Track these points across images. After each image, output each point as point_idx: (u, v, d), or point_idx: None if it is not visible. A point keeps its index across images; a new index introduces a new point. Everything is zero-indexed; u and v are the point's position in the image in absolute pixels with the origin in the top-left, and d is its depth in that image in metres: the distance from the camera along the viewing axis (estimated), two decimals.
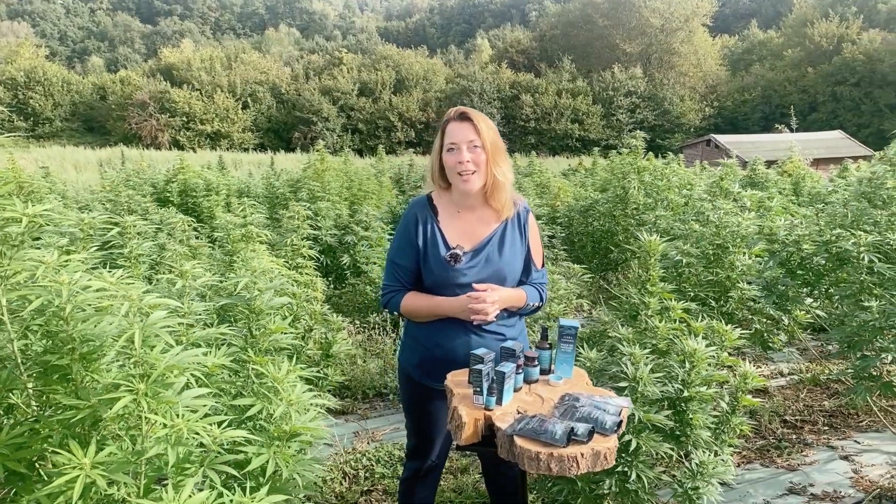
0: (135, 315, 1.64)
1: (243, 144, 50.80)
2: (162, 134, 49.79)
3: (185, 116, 50.88)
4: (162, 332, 1.63)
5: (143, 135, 49.05)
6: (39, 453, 1.79)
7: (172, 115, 50.52)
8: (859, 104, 48.39)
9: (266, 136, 53.14)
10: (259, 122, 53.60)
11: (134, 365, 1.64)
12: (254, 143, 51.41)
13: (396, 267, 2.72)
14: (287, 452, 2.14)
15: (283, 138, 52.41)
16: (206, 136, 50.89)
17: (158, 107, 50.51)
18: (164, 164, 21.58)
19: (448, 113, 2.61)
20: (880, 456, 4.10)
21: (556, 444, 1.93)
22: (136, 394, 1.61)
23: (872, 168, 4.55)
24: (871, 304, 3.53)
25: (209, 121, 51.27)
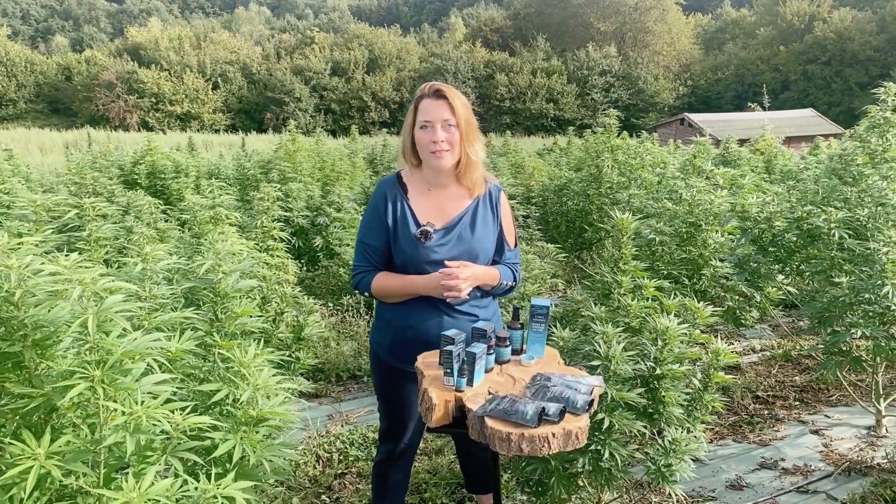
0: (88, 299, 1.58)
1: (214, 126, 50.04)
2: (130, 115, 48.87)
3: (153, 97, 49.95)
4: (117, 317, 1.57)
5: (111, 116, 48.12)
6: None
7: (141, 96, 49.58)
8: (830, 83, 48.96)
9: (237, 116, 52.38)
10: (230, 103, 52.80)
11: (89, 351, 1.57)
12: (225, 124, 50.66)
13: (366, 247, 2.67)
14: (254, 438, 2.09)
15: (255, 119, 51.72)
16: (175, 118, 50.03)
17: (126, 87, 49.53)
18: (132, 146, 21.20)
19: (422, 88, 2.53)
20: (850, 429, 4.16)
21: (527, 425, 1.90)
22: (91, 381, 1.55)
23: (843, 145, 4.57)
24: (842, 281, 3.55)
25: (179, 102, 50.40)
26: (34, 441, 1.55)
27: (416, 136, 2.49)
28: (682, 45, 58.64)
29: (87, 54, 55.27)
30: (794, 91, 50.01)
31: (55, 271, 1.70)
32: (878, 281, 3.34)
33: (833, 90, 48.47)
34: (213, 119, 50.85)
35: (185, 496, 1.77)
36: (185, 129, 45.62)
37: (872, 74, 46.57)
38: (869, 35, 49.18)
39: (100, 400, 1.55)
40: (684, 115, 34.44)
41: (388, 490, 2.98)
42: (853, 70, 48.14)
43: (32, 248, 1.81)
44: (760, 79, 50.15)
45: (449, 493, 3.61)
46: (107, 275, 1.77)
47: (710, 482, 3.62)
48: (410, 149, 2.57)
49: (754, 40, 56.59)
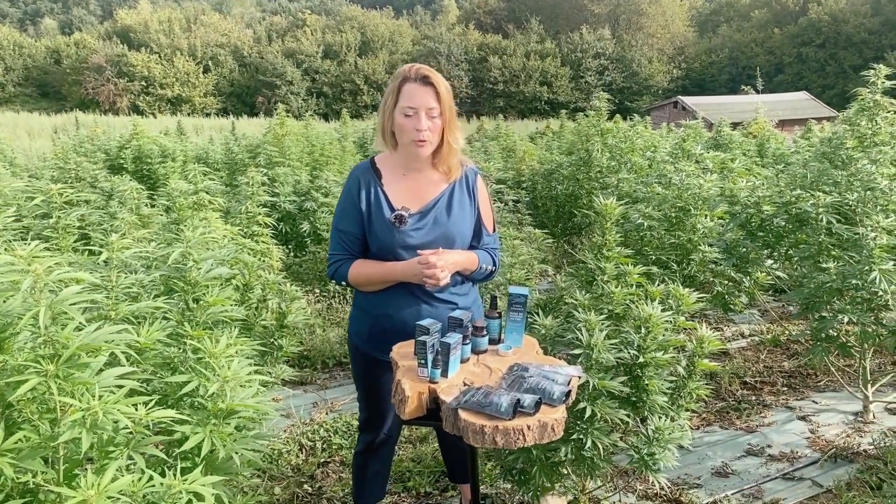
0: (41, 291, 1.51)
1: (205, 109, 49.68)
2: (120, 99, 48.45)
3: (144, 81, 49.50)
4: (71, 310, 1.51)
5: (100, 100, 47.69)
6: None
7: (131, 80, 49.12)
8: (824, 65, 48.81)
9: (229, 100, 51.97)
10: (221, 87, 52.36)
11: (43, 345, 1.52)
12: (216, 107, 50.29)
13: (342, 234, 2.60)
14: (225, 431, 2.04)
15: (247, 103, 51.32)
16: (166, 101, 49.62)
17: (116, 71, 49.05)
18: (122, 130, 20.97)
19: (406, 70, 2.42)
20: (837, 415, 4.14)
21: (502, 417, 1.86)
22: (45, 375, 1.49)
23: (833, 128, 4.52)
24: (829, 266, 3.50)
25: (169, 85, 49.95)
26: None
27: (398, 122, 2.41)
28: (677, 28, 58.33)
29: (77, 37, 54.59)
30: (789, 74, 49.86)
31: (9, 261, 1.64)
32: (865, 266, 3.30)
33: (827, 73, 48.34)
34: (204, 102, 50.45)
35: (151, 492, 1.72)
36: (176, 113, 45.27)
37: (867, 57, 46.40)
38: (863, 17, 48.96)
39: (54, 395, 1.49)
40: (678, 98, 34.30)
41: (367, 480, 2.95)
42: (847, 53, 48.00)
43: None
44: (755, 61, 49.93)
45: (433, 482, 3.58)
46: (74, 263, 1.71)
47: (696, 469, 3.60)
48: (389, 131, 2.49)
49: (749, 23, 56.32)
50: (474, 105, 50.96)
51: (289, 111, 11.80)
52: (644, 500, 3.35)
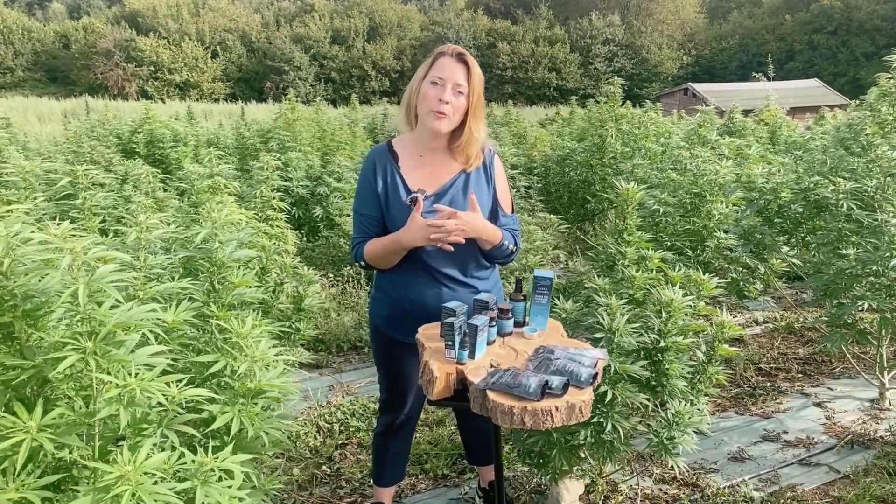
0: (79, 269, 1.53)
1: (213, 94, 49.63)
2: (129, 84, 48.45)
3: (152, 66, 49.46)
4: (109, 287, 1.52)
5: (109, 85, 47.68)
6: None
7: (139, 65, 49.08)
8: (836, 52, 48.37)
9: (237, 85, 51.89)
10: (229, 72, 52.29)
11: (80, 322, 1.53)
12: (224, 93, 50.23)
13: (361, 217, 2.61)
14: (252, 410, 2.06)
15: (255, 88, 51.23)
16: (174, 87, 49.58)
17: (124, 55, 49.01)
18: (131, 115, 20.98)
19: (443, 47, 2.44)
20: (852, 402, 4.14)
21: (530, 398, 1.87)
22: (83, 353, 1.50)
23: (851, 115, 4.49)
24: (849, 252, 3.49)
25: (178, 70, 49.92)
26: (25, 413, 1.51)
27: (423, 91, 2.40)
28: (687, 14, 57.82)
29: (85, 22, 54.53)
30: (800, 61, 49.43)
31: (45, 240, 1.65)
32: (886, 253, 3.29)
33: (839, 60, 47.90)
34: (212, 88, 50.41)
35: (182, 469, 1.74)
36: (185, 98, 45.24)
37: (879, 44, 45.97)
38: (876, 4, 48.42)
39: (92, 372, 1.50)
40: (688, 84, 34.10)
41: (388, 461, 2.97)
42: (859, 40, 47.52)
43: (22, 215, 1.76)
44: (765, 48, 49.53)
45: (450, 464, 3.60)
46: (100, 244, 1.72)
47: (713, 454, 3.61)
48: (414, 105, 2.48)
49: (760, 9, 55.83)
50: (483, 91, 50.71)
51: (297, 97, 11.78)
52: (661, 484, 3.37)
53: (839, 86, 40.05)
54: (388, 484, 3.03)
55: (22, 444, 1.45)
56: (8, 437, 1.47)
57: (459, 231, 2.34)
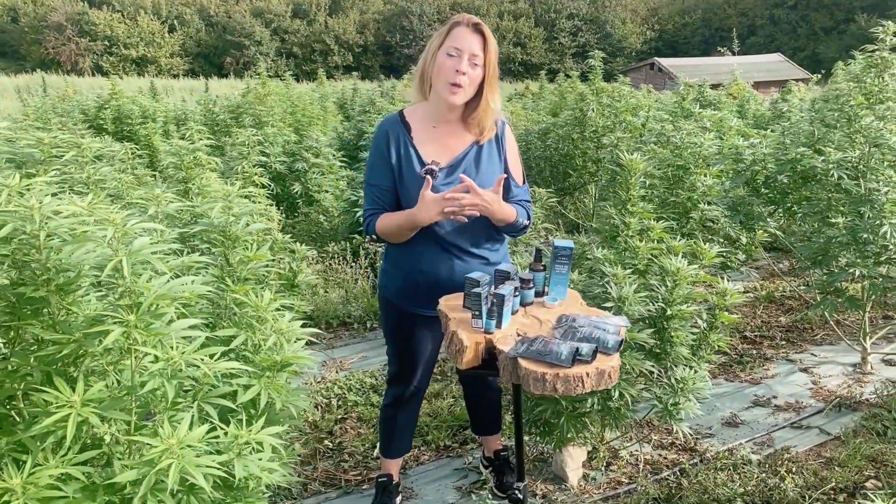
0: (119, 241, 1.49)
1: (172, 70, 48.48)
2: (83, 59, 47.05)
3: (106, 40, 48.09)
4: (154, 259, 1.49)
5: (61, 60, 46.23)
6: (12, 393, 1.65)
7: (93, 39, 47.68)
8: (796, 27, 49.13)
9: (196, 61, 50.75)
10: (188, 47, 51.11)
11: (121, 295, 1.50)
12: (183, 68, 49.10)
13: (373, 188, 2.58)
14: (278, 383, 2.05)
15: (215, 63, 50.15)
16: (131, 62, 48.29)
17: (77, 30, 47.52)
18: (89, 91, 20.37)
19: (458, 16, 2.41)
20: (836, 367, 4.27)
21: (562, 365, 1.89)
22: (126, 326, 1.48)
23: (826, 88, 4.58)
24: (838, 221, 3.58)
25: (133, 45, 48.62)
26: (67, 388, 1.48)
27: (439, 61, 2.37)
28: None
29: None
30: (761, 36, 50.08)
31: (75, 212, 1.61)
32: (876, 221, 3.38)
33: (798, 35, 48.67)
34: (170, 63, 49.25)
35: (216, 442, 1.73)
36: (143, 74, 44.08)
37: (837, 19, 46.85)
38: None
39: (136, 346, 1.48)
40: (654, 59, 34.31)
41: (396, 433, 2.98)
42: (818, 14, 48.33)
43: (44, 188, 1.71)
44: (727, 23, 50.11)
45: (451, 435, 3.63)
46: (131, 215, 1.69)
47: (707, 420, 3.70)
48: (428, 75, 2.45)
49: None
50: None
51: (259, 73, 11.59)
52: (660, 450, 3.44)
53: (799, 60, 40.72)
54: (395, 455, 3.04)
55: (69, 419, 1.43)
56: (52, 413, 1.44)
57: (473, 205, 2.33)
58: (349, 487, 3.24)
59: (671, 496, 3.01)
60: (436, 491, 3.20)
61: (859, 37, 42.59)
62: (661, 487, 3.09)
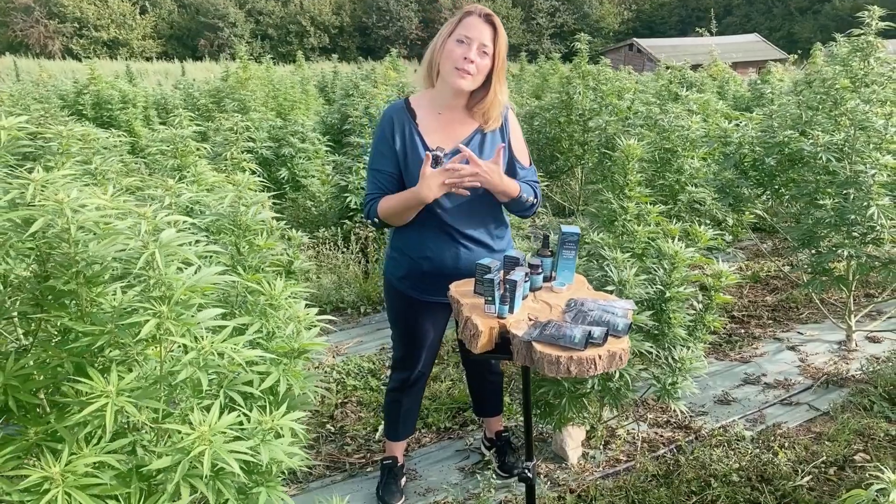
0: (150, 234, 1.52)
1: (144, 53, 47.66)
2: (52, 42, 46.07)
3: (76, 22, 47.09)
4: (184, 251, 1.52)
5: (30, 43, 45.22)
6: (44, 384, 1.68)
7: (62, 21, 46.67)
8: (771, 7, 49.40)
9: (169, 43, 49.93)
10: (160, 29, 50.24)
11: (153, 287, 1.53)
12: (156, 51, 48.30)
13: (376, 173, 2.61)
14: (296, 370, 2.09)
15: (189, 46, 49.38)
16: (102, 44, 47.38)
17: (45, 11, 46.48)
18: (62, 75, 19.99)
19: (471, 6, 2.45)
20: (822, 345, 4.39)
21: (575, 348, 1.95)
22: (160, 317, 1.50)
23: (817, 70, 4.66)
24: (826, 203, 3.67)
25: (104, 27, 47.68)
26: (101, 379, 1.51)
27: (448, 48, 2.41)
28: None
29: None
30: (737, 16, 50.29)
31: (101, 205, 1.63)
32: (863, 202, 3.47)
33: (774, 15, 48.94)
34: (142, 46, 48.40)
35: (241, 429, 1.77)
36: (115, 57, 43.31)
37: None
38: None
39: (170, 336, 1.51)
40: (633, 40, 34.37)
41: (401, 416, 3.04)
42: None
43: (68, 181, 1.72)
44: (704, 3, 50.26)
45: (450, 418, 3.70)
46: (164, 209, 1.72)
47: (700, 398, 3.80)
48: (437, 62, 2.48)
49: None
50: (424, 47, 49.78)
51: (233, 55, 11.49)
52: (656, 428, 3.53)
53: (775, 40, 40.99)
54: (400, 438, 3.10)
55: (106, 408, 1.46)
56: (89, 402, 1.47)
57: (473, 175, 2.36)
58: (353, 470, 3.29)
59: (669, 472, 3.11)
60: (439, 472, 3.26)
61: (834, 17, 43.02)
62: (660, 464, 3.18)
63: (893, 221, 3.51)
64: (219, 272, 1.66)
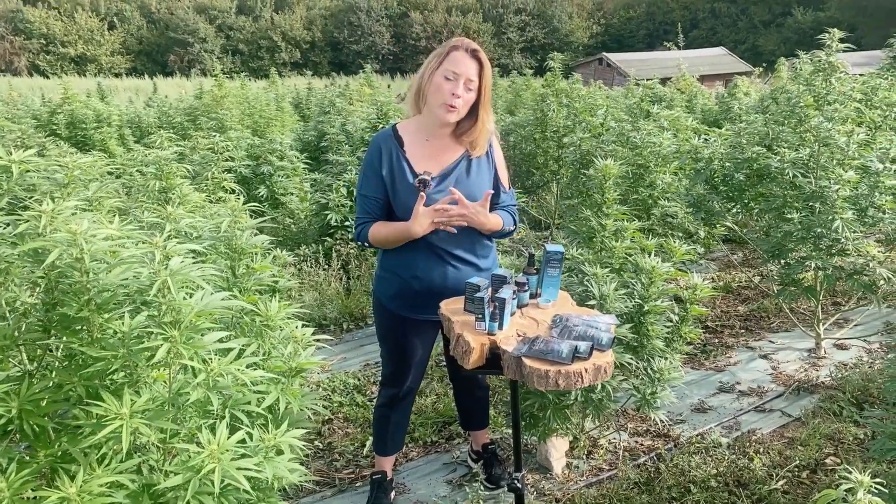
0: (161, 262, 1.59)
1: (113, 69, 47.26)
2: (18, 58, 45.49)
3: (43, 38, 46.60)
4: (199, 279, 1.60)
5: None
6: (56, 409, 1.73)
7: (28, 38, 46.14)
8: (736, 21, 50.57)
9: (139, 59, 49.60)
10: (129, 45, 49.89)
11: (165, 312, 1.60)
12: (125, 67, 47.93)
13: (364, 199, 2.71)
14: (293, 389, 2.16)
15: (158, 62, 49.07)
16: (69, 61, 46.90)
17: (11, 28, 45.93)
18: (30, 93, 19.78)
19: (457, 40, 2.57)
20: (793, 353, 4.55)
21: (563, 362, 2.05)
22: (171, 342, 1.58)
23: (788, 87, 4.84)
24: (793, 217, 3.83)
25: (72, 43, 47.23)
26: (115, 401, 1.58)
27: (436, 82, 2.51)
28: None
29: None
30: (703, 29, 51.37)
31: (110, 235, 1.70)
32: (829, 216, 3.64)
33: (739, 28, 50.10)
34: (111, 62, 48.02)
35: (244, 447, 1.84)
36: (83, 74, 42.91)
37: (775, 13, 48.42)
38: None
39: (182, 359, 1.58)
40: (603, 54, 34.87)
41: (390, 432, 3.11)
42: (757, 8, 49.88)
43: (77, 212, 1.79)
44: (671, 17, 51.32)
45: (437, 432, 3.77)
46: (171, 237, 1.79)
47: (677, 407, 3.92)
48: (423, 93, 2.59)
49: None
50: (397, 62, 50.44)
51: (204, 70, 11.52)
52: (636, 437, 3.65)
53: (740, 53, 41.90)
54: (390, 453, 3.17)
55: (122, 430, 1.52)
56: (104, 425, 1.53)
57: (461, 216, 2.52)
58: (343, 486, 3.35)
59: (650, 480, 3.22)
60: (427, 485, 3.34)
61: (796, 30, 44.16)
62: (641, 472, 3.29)
63: (857, 234, 3.68)
64: (225, 297, 1.73)
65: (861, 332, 4.76)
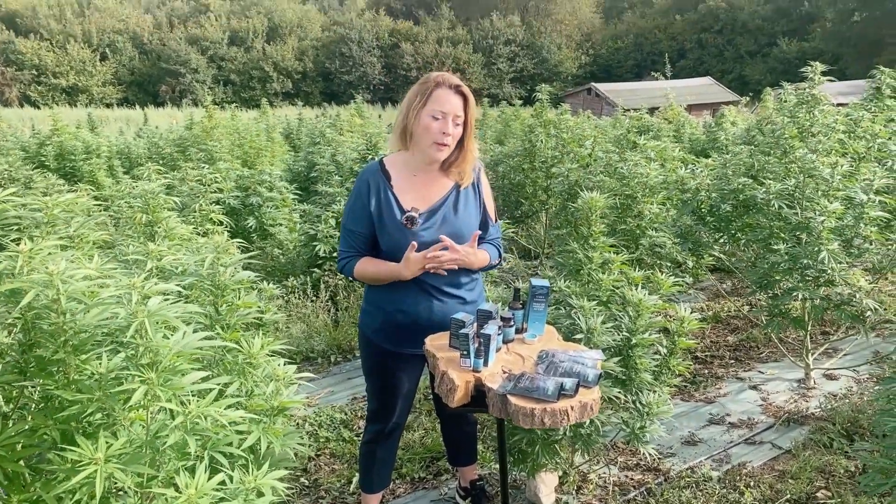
0: (139, 303, 1.57)
1: (105, 99, 47.40)
2: (9, 89, 45.58)
3: (35, 69, 46.73)
4: (177, 321, 1.57)
5: None
6: (30, 453, 1.69)
7: (20, 69, 46.28)
8: (723, 51, 51.30)
9: (130, 89, 49.77)
10: (121, 75, 50.07)
11: (141, 354, 1.57)
12: (117, 97, 48.06)
13: (350, 234, 2.70)
14: (275, 428, 2.13)
15: (150, 92, 49.28)
16: (61, 91, 47.00)
17: (2, 59, 46.09)
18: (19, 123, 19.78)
19: (440, 76, 2.57)
20: (782, 383, 4.53)
21: (549, 400, 2.03)
22: (148, 384, 1.55)
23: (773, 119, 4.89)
24: (780, 248, 3.85)
25: (63, 74, 47.36)
26: (89, 446, 1.54)
27: (424, 123, 2.52)
28: (584, 15, 59.71)
29: None
30: (690, 59, 52.06)
31: (88, 275, 1.68)
32: (815, 247, 3.65)
33: (726, 58, 50.81)
34: (102, 92, 48.14)
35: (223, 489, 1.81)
36: (74, 104, 43.00)
37: (761, 43, 49.18)
38: (757, 4, 51.79)
39: (160, 402, 1.55)
40: (591, 84, 35.24)
41: (376, 468, 3.06)
42: (743, 38, 50.64)
43: (54, 252, 1.77)
44: (658, 47, 52.04)
45: (424, 468, 3.72)
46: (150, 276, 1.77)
47: (668, 440, 3.89)
48: (409, 131, 2.60)
49: (651, 9, 58.51)
50: (388, 92, 50.79)
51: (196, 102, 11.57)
52: (626, 471, 3.61)
53: (727, 82, 42.46)
54: (377, 490, 3.12)
55: (96, 475, 1.49)
56: (77, 470, 1.50)
57: (452, 261, 2.52)
58: None
59: None
60: None
61: (782, 60, 44.83)
62: None
63: (843, 265, 3.69)
64: (203, 337, 1.71)
65: (850, 361, 4.75)
